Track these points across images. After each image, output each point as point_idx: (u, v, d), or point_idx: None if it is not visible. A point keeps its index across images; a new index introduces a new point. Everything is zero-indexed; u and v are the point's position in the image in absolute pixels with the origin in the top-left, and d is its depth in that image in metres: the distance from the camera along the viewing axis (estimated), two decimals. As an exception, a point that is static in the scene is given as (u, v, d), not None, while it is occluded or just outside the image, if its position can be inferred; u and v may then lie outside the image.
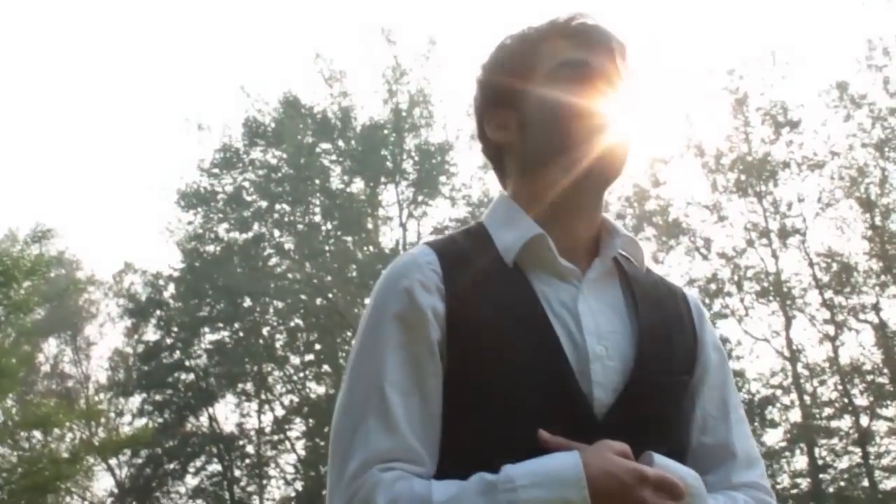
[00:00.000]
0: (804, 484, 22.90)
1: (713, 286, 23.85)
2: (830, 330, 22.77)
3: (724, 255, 24.13)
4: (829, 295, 22.93)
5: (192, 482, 26.93)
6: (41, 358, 32.55)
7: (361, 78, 32.54)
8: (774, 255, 23.55)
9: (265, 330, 26.84)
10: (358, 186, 27.15)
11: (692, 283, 24.09)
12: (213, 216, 27.33)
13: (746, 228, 23.92)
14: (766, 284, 23.31)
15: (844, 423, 22.60)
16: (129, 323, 29.25)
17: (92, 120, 52.46)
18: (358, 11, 44.97)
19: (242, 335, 26.24)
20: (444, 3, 45.04)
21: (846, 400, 22.34)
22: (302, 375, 26.83)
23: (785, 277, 23.29)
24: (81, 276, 32.76)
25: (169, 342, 27.24)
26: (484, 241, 1.49)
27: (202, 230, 27.30)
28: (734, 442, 1.49)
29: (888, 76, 22.66)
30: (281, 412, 26.71)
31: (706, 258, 24.39)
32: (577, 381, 1.36)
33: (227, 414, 27.39)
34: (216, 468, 26.92)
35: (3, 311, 19.75)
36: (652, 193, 25.16)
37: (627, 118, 1.50)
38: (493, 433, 1.33)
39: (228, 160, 27.24)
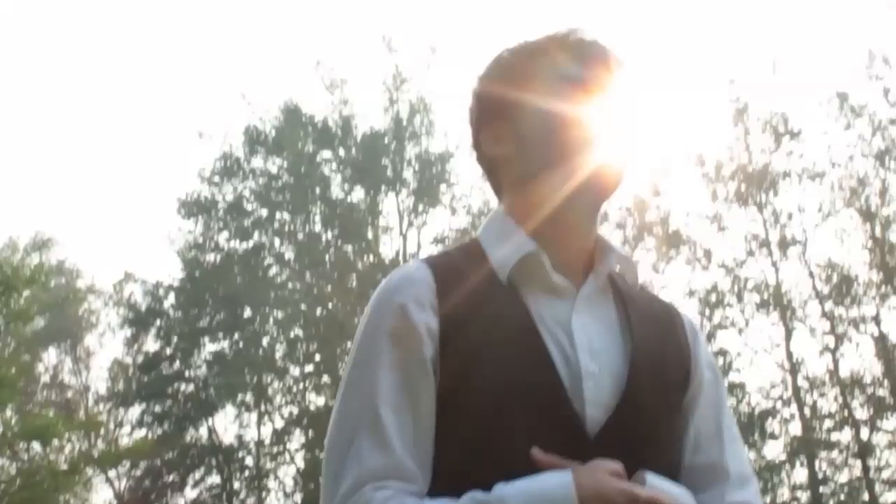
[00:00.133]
0: (804, 497, 22.82)
1: (713, 297, 23.82)
2: (831, 341, 22.72)
3: (724, 265, 24.10)
4: (829, 306, 22.89)
5: (191, 494, 26.82)
6: (40, 368, 32.46)
7: (362, 86, 32.56)
8: (775, 265, 23.51)
9: (265, 340, 26.78)
10: (358, 195, 27.15)
11: (692, 293, 24.06)
12: (213, 225, 27.33)
13: (746, 239, 23.90)
14: (766, 295, 23.27)
15: (845, 435, 22.54)
16: (128, 333, 29.19)
17: (92, 128, 52.47)
18: (359, 19, 45.08)
19: (242, 345, 26.17)
20: (445, 11, 45.14)
21: (846, 412, 22.28)
22: (302, 386, 26.76)
23: (785, 288, 23.26)
24: (81, 285, 32.71)
25: (169, 352, 27.15)
26: (478, 256, 1.48)
27: (202, 239, 27.31)
28: (727, 461, 1.48)
29: (888, 86, 22.67)
30: (280, 423, 26.61)
31: (706, 269, 24.36)
32: (569, 398, 1.35)
33: (226, 425, 27.32)
34: (215, 480, 26.82)
35: (2, 320, 19.70)
36: (652, 203, 25.15)
37: (624, 133, 1.49)
38: (485, 451, 1.32)
39: (229, 168, 27.26)
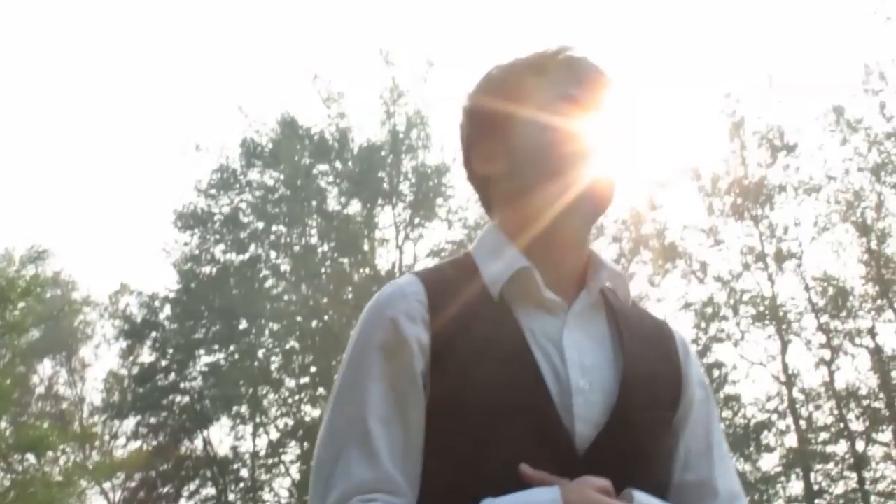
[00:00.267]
0: (800, 509, 22.81)
1: (709, 310, 23.83)
2: (826, 354, 22.72)
3: (720, 278, 24.11)
4: (825, 319, 22.90)
5: (186, 506, 26.76)
6: (35, 379, 32.40)
7: (359, 99, 32.57)
8: (770, 279, 23.53)
9: (261, 352, 26.72)
10: (355, 208, 27.12)
11: (688, 306, 24.08)
12: (209, 237, 27.30)
13: (742, 252, 23.92)
14: (762, 308, 23.28)
15: (840, 448, 22.52)
16: (124, 344, 29.12)
17: (89, 140, 52.49)
18: (356, 33, 45.12)
19: (238, 357, 26.11)
20: (442, 25, 45.24)
21: (842, 425, 22.26)
22: (297, 398, 26.68)
23: (781, 301, 23.26)
24: (77, 297, 32.70)
25: (164, 364, 27.05)
26: (471, 272, 1.48)
27: (198, 251, 27.25)
28: (716, 479, 1.48)
29: (884, 101, 22.72)
30: (276, 435, 26.53)
31: (702, 282, 24.37)
32: (559, 414, 1.35)
33: (221, 437, 27.26)
34: (210, 492, 26.73)
35: (-3, 331, 19.67)
36: (648, 217, 25.17)
37: (614, 151, 1.49)
38: (473, 466, 1.32)
39: (225, 181, 27.24)
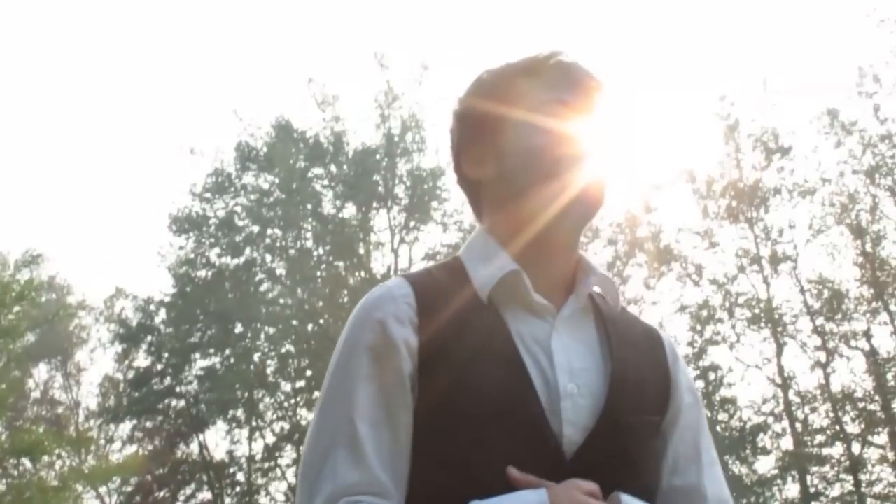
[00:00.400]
0: (796, 512, 22.83)
1: (704, 313, 23.85)
2: (822, 357, 22.76)
3: (715, 281, 24.13)
4: (820, 322, 22.93)
5: (182, 510, 26.72)
6: (31, 384, 32.37)
7: (354, 102, 32.57)
8: (766, 281, 23.56)
9: (256, 356, 26.69)
10: (350, 211, 27.14)
11: (684, 309, 24.10)
12: (204, 241, 27.29)
13: (738, 255, 23.95)
14: (757, 311, 23.30)
15: (836, 450, 22.55)
16: (119, 349, 29.12)
17: (83, 144, 52.46)
18: (351, 37, 45.16)
19: (233, 361, 26.08)
20: (436, 28, 45.24)
21: (838, 427, 22.29)
22: (293, 402, 26.67)
23: (776, 304, 23.29)
24: (72, 301, 32.68)
25: (160, 368, 27.04)
26: (460, 275, 1.48)
27: (194, 255, 27.25)
28: (705, 484, 1.48)
29: (878, 103, 22.77)
30: (272, 439, 26.53)
31: (697, 284, 24.40)
32: (546, 418, 1.35)
33: (217, 441, 27.24)
34: (206, 496, 26.71)
35: (-8, 336, 19.60)
36: (643, 219, 25.20)
37: (604, 155, 1.49)
38: (461, 468, 1.32)
39: (220, 185, 27.24)
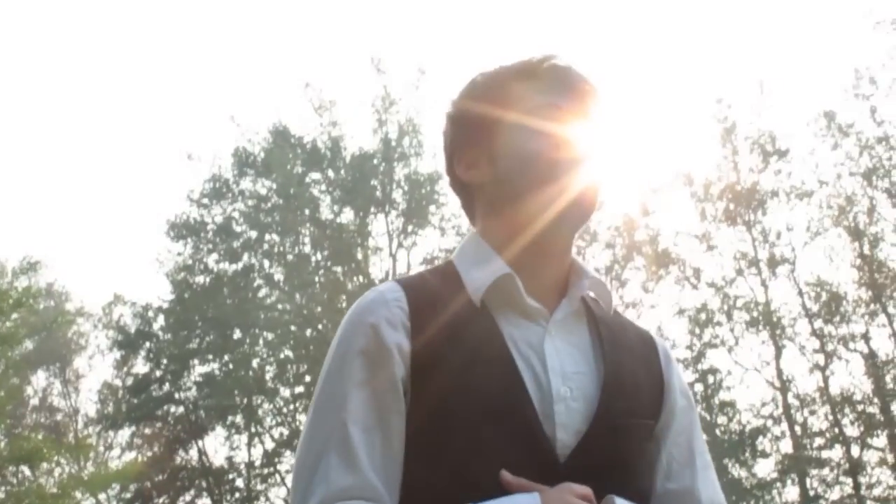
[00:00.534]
0: (796, 515, 22.82)
1: (703, 316, 23.85)
2: (820, 359, 22.77)
3: (713, 284, 24.14)
4: (818, 324, 22.95)
5: (181, 517, 26.70)
6: (29, 391, 32.34)
7: (351, 108, 32.57)
8: (764, 284, 23.58)
9: (255, 362, 26.69)
10: (347, 216, 27.16)
11: (682, 312, 24.10)
12: (202, 247, 27.29)
13: (736, 258, 23.96)
14: (755, 314, 23.31)
15: (835, 453, 22.56)
16: (118, 355, 29.09)
17: (81, 151, 52.47)
18: (348, 42, 45.20)
19: (232, 367, 26.07)
20: (433, 33, 45.32)
21: (837, 430, 22.30)
22: (292, 408, 26.65)
23: (774, 307, 23.30)
24: (70, 307, 32.63)
25: (158, 374, 27.03)
26: (453, 279, 1.48)
27: (192, 261, 27.26)
28: (699, 488, 1.48)
29: (875, 105, 22.81)
30: (271, 445, 26.52)
31: (696, 287, 24.41)
32: (540, 422, 1.35)
33: (216, 447, 27.17)
34: (206, 502, 26.73)
35: (-10, 343, 19.58)
36: (641, 223, 25.21)
37: (598, 160, 1.49)
38: (454, 473, 1.32)
39: (218, 190, 27.25)
